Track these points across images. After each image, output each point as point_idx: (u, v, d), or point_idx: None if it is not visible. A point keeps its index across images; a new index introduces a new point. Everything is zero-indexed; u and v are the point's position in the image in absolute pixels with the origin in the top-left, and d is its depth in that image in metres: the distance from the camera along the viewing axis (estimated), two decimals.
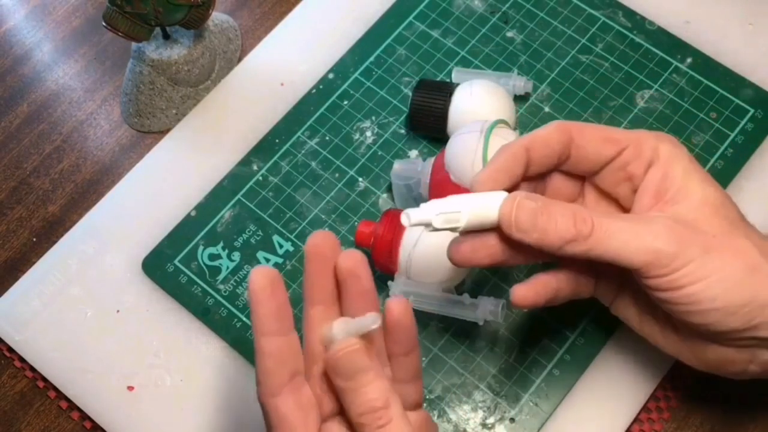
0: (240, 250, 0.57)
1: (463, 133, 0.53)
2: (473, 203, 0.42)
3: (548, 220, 0.41)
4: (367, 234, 0.52)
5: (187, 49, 0.61)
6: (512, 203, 0.42)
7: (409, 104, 0.58)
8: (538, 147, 0.44)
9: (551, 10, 0.63)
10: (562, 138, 0.44)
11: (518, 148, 0.43)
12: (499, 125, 0.52)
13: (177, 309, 0.55)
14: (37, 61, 0.66)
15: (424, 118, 0.57)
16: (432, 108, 0.57)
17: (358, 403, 0.38)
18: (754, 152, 0.58)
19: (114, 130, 0.63)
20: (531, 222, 0.41)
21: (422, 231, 0.50)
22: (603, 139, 0.44)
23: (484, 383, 0.52)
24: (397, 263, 0.51)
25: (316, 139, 0.60)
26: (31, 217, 0.60)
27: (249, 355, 0.54)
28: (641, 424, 0.51)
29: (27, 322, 0.56)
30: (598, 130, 0.45)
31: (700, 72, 0.60)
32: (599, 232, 0.41)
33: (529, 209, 0.41)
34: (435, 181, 0.54)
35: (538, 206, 0.41)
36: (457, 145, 0.52)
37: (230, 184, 0.59)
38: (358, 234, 0.53)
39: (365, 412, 0.38)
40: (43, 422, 0.54)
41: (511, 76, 0.59)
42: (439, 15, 0.63)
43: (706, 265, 0.40)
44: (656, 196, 0.43)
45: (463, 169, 0.51)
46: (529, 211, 0.41)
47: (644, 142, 0.44)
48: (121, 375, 0.54)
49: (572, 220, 0.41)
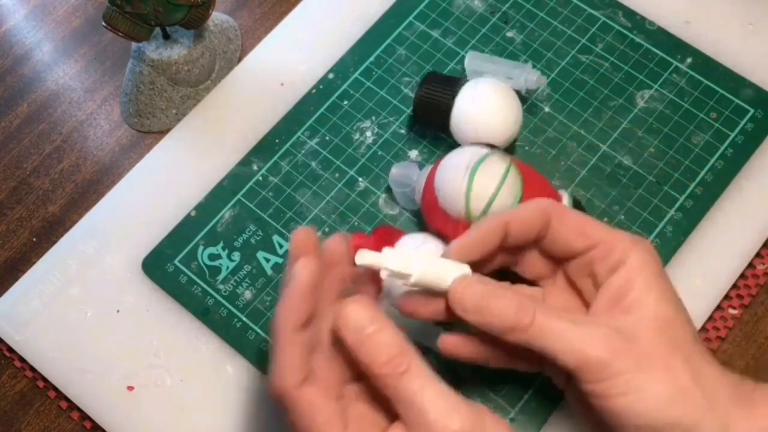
0: (240, 250, 0.57)
1: (451, 164, 0.51)
2: (431, 269, 0.43)
3: (491, 306, 0.42)
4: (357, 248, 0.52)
5: (187, 49, 0.61)
6: (462, 282, 0.43)
7: (414, 96, 0.57)
8: (517, 225, 0.45)
9: (551, 10, 0.63)
10: (541, 220, 0.45)
11: (497, 225, 0.44)
12: (488, 159, 0.50)
13: (177, 309, 0.55)
14: (37, 61, 0.66)
15: (427, 113, 0.56)
16: (437, 103, 0.56)
17: (374, 354, 0.39)
18: (754, 152, 0.58)
19: (114, 130, 0.63)
20: (475, 304, 0.42)
21: None
22: (577, 232, 0.45)
23: (484, 383, 0.52)
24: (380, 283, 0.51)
25: (316, 139, 0.60)
26: (31, 217, 0.60)
27: (249, 355, 0.54)
28: None
29: (27, 322, 0.56)
30: (578, 220, 0.45)
31: (700, 72, 0.60)
32: (539, 327, 0.41)
33: (477, 293, 0.42)
34: (426, 199, 0.52)
35: (486, 290, 0.42)
36: (446, 175, 0.51)
37: (230, 184, 0.59)
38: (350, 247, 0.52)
39: (383, 361, 0.39)
40: (43, 422, 0.54)
41: (525, 68, 0.57)
42: (439, 15, 0.63)
43: (635, 380, 0.41)
44: (612, 301, 0.43)
45: (449, 202, 0.50)
46: (477, 295, 0.42)
47: (617, 245, 0.44)
48: (121, 375, 0.54)
49: (514, 309, 0.42)
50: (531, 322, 0.41)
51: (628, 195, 0.57)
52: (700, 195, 0.56)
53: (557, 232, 0.45)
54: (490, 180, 0.49)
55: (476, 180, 0.49)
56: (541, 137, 0.59)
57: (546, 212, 0.45)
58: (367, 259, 0.42)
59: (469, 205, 0.49)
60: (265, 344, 0.54)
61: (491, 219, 0.45)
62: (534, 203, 0.45)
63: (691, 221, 0.56)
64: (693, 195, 0.56)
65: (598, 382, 0.41)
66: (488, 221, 0.45)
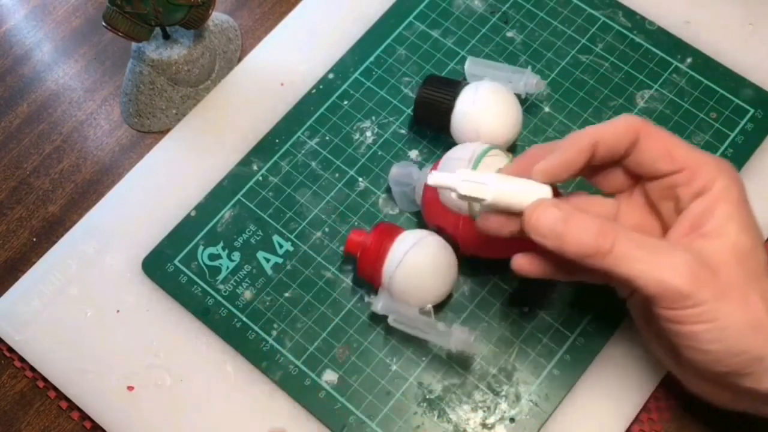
0: (240, 250, 0.57)
1: (452, 158, 0.52)
2: (508, 190, 0.43)
3: (569, 232, 0.42)
4: (356, 243, 0.52)
5: (187, 49, 0.61)
6: (538, 208, 0.43)
7: (415, 98, 0.57)
8: (605, 145, 0.44)
9: (551, 10, 0.63)
10: (630, 139, 0.44)
11: (586, 145, 0.44)
12: (490, 154, 0.51)
13: (177, 309, 0.55)
14: (37, 61, 0.66)
15: (428, 114, 0.57)
16: (438, 105, 0.56)
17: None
18: (754, 152, 0.58)
19: (114, 130, 0.63)
20: (552, 230, 0.42)
21: (408, 250, 0.50)
22: (663, 153, 0.44)
23: (484, 383, 0.52)
24: (380, 278, 0.51)
25: (316, 139, 0.60)
26: (31, 217, 0.60)
27: (249, 355, 0.54)
28: (641, 424, 0.51)
29: (27, 322, 0.56)
30: (666, 141, 0.44)
31: (700, 72, 0.60)
32: (620, 252, 0.41)
33: (552, 217, 0.42)
34: (426, 197, 0.53)
35: (563, 215, 0.42)
36: (449, 167, 0.51)
37: (230, 184, 0.59)
38: (348, 242, 0.53)
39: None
40: (43, 422, 0.54)
41: (525, 72, 0.58)
42: (439, 15, 0.63)
43: (714, 310, 0.41)
44: (693, 226, 0.43)
45: (450, 195, 0.50)
46: (552, 220, 0.42)
47: (702, 170, 0.44)
48: (121, 375, 0.54)
49: (594, 235, 0.41)
50: (610, 249, 0.41)
51: None
52: None
53: (643, 152, 0.44)
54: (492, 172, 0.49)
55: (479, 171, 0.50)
56: (541, 137, 0.59)
57: (635, 129, 0.44)
58: (439, 179, 0.41)
59: None
60: (265, 344, 0.54)
61: (578, 138, 0.44)
62: (623, 119, 0.44)
63: None
64: None
65: (676, 309, 0.41)
66: (576, 141, 0.44)
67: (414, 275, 0.50)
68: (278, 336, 0.54)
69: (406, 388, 0.52)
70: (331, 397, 0.52)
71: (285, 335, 0.54)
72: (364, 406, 0.52)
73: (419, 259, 0.50)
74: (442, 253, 0.51)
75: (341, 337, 0.54)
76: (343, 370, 0.53)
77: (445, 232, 0.52)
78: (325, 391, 0.52)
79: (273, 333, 0.54)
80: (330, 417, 0.52)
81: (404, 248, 0.50)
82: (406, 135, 0.60)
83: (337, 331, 0.54)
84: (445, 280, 0.51)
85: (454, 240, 0.52)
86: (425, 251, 0.51)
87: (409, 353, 0.53)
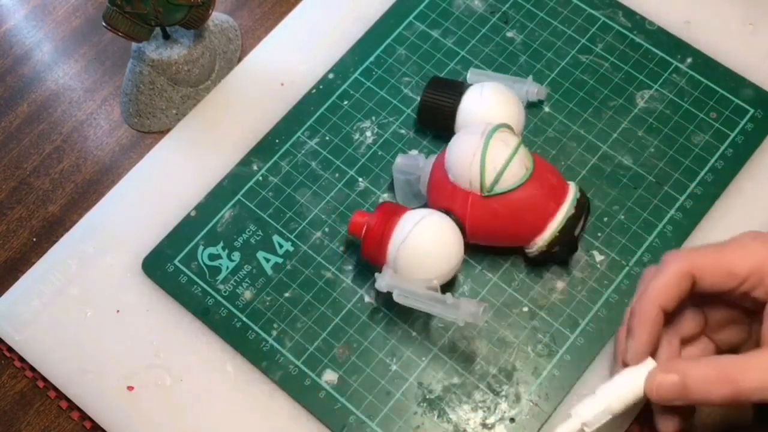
0: (240, 250, 0.57)
1: (464, 135, 0.53)
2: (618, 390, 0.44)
3: (692, 387, 0.42)
4: (360, 224, 0.52)
5: (187, 49, 0.61)
6: (651, 383, 0.43)
7: (419, 100, 0.57)
8: (670, 302, 0.44)
9: (551, 10, 0.63)
10: (686, 283, 0.44)
11: (655, 316, 0.44)
12: (501, 129, 0.52)
13: (177, 309, 0.55)
14: (37, 61, 0.66)
15: (432, 117, 0.57)
16: (441, 106, 0.56)
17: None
18: (754, 152, 0.58)
19: (114, 130, 0.63)
20: (676, 393, 0.42)
21: (413, 227, 0.51)
22: (725, 274, 0.44)
23: (484, 383, 0.52)
24: (385, 256, 0.51)
25: (316, 139, 0.60)
26: (31, 217, 0.60)
27: (249, 355, 0.54)
28: (642, 424, 0.51)
29: (27, 322, 0.56)
30: (717, 264, 0.44)
31: (700, 72, 0.60)
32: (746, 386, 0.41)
33: (669, 385, 0.42)
34: (434, 180, 0.54)
35: (677, 381, 0.42)
36: (458, 146, 0.52)
37: (230, 184, 0.59)
38: (351, 223, 0.53)
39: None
40: (43, 422, 0.54)
41: (526, 81, 0.58)
42: (439, 15, 0.63)
43: None
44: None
45: (462, 170, 0.52)
46: (670, 387, 0.42)
47: (764, 267, 0.43)
48: (121, 375, 0.54)
49: (714, 379, 0.41)
50: (737, 386, 0.41)
51: (628, 195, 0.57)
52: (700, 195, 0.56)
53: (704, 283, 0.44)
54: (505, 146, 0.51)
55: (491, 144, 0.51)
56: (542, 137, 0.59)
57: (686, 273, 0.44)
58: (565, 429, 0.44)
59: (484, 166, 0.51)
60: (265, 344, 0.54)
61: (645, 309, 0.45)
62: (668, 268, 0.44)
63: (692, 221, 0.56)
64: (693, 195, 0.56)
65: None
66: (643, 316, 0.45)
67: (420, 251, 0.50)
68: (278, 336, 0.54)
69: (406, 388, 0.52)
70: (331, 397, 0.52)
71: (285, 335, 0.54)
72: (364, 406, 0.52)
73: (425, 234, 0.50)
74: (448, 228, 0.51)
75: (341, 337, 0.54)
76: (343, 370, 0.53)
77: (452, 215, 0.52)
78: (325, 391, 0.52)
79: (273, 333, 0.54)
80: (330, 417, 0.52)
81: (410, 225, 0.51)
82: (406, 135, 0.60)
83: (337, 331, 0.54)
84: (450, 257, 0.51)
85: (462, 221, 0.52)
86: (431, 227, 0.51)
87: (409, 353, 0.53)
